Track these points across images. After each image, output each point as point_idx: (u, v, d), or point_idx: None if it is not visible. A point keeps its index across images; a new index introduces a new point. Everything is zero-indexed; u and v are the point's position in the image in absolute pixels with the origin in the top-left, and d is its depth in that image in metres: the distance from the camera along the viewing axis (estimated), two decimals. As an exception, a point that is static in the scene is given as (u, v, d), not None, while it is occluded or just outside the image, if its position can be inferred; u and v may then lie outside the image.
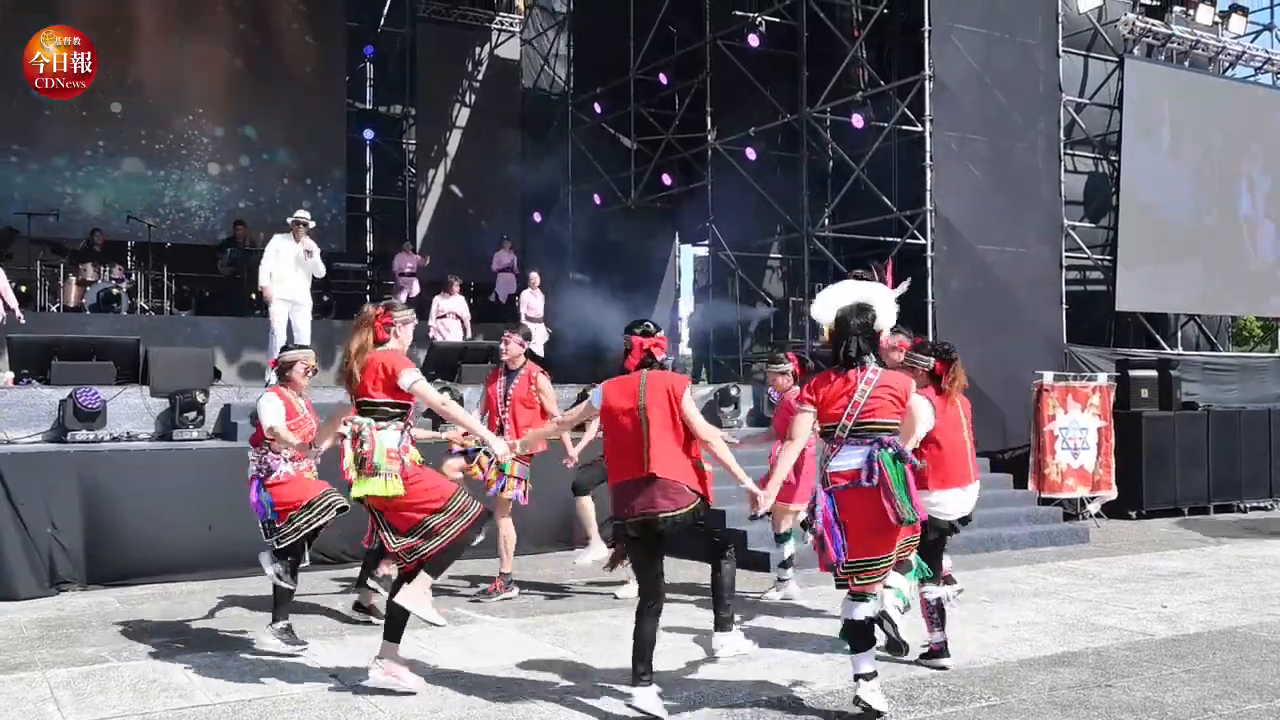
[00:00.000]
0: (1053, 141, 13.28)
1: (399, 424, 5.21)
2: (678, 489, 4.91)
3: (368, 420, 5.15)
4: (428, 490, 5.20)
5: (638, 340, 5.21)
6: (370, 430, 5.10)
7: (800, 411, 4.99)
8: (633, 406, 5.01)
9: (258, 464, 6.11)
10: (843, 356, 4.91)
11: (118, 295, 13.55)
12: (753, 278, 16.26)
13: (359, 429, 5.11)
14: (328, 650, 5.95)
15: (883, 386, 4.85)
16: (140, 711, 4.96)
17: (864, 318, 4.95)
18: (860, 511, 4.77)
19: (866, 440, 4.78)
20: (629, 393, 5.07)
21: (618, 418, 5.06)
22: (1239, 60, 16.86)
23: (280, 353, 6.54)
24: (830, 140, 14.86)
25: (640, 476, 4.92)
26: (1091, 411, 11.52)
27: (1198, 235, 15.30)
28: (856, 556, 4.79)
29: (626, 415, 5.03)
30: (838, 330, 4.97)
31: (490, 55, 19.25)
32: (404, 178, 19.44)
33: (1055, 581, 8.28)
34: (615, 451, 5.11)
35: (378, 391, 5.20)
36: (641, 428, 4.96)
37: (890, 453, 4.75)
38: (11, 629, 6.51)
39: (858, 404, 4.81)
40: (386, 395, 5.19)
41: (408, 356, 5.41)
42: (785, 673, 5.59)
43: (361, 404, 5.23)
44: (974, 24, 12.70)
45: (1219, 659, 5.91)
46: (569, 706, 5.03)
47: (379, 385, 5.20)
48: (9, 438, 8.79)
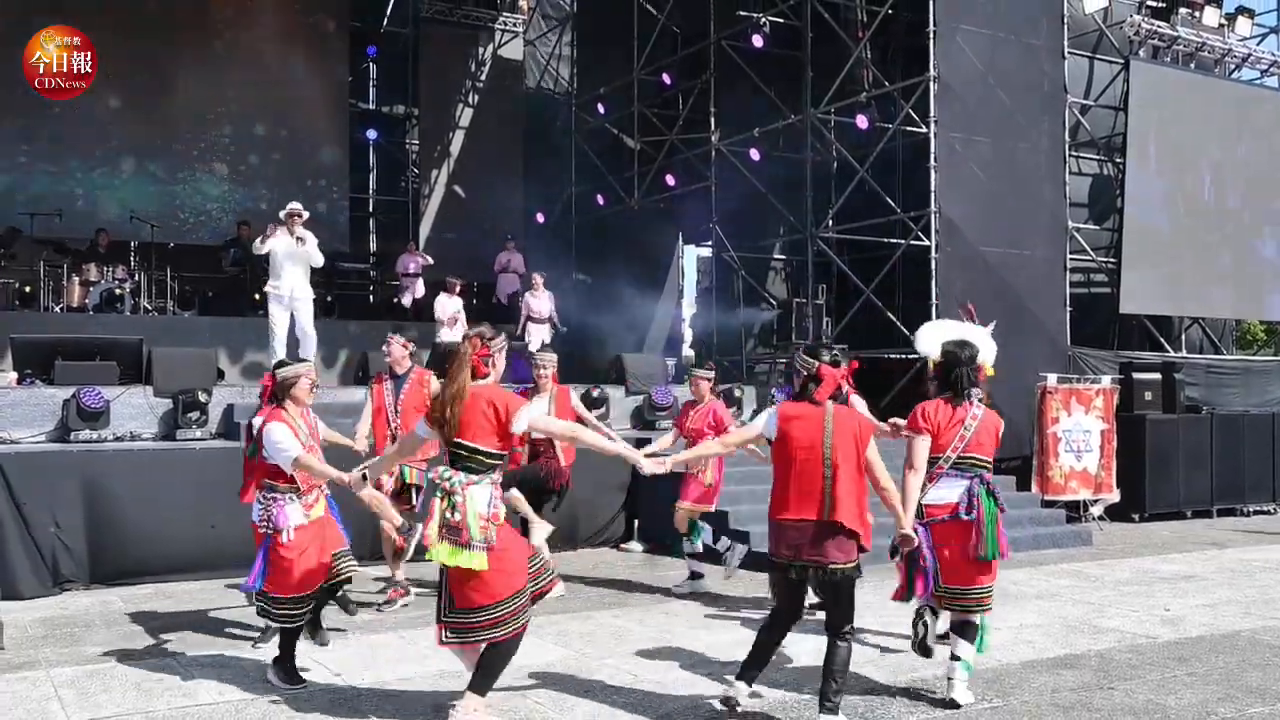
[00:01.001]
0: (1057, 143, 13.27)
1: (491, 478, 4.57)
2: (850, 541, 4.67)
3: (460, 476, 4.49)
4: (509, 573, 4.54)
5: (829, 370, 4.75)
6: (462, 490, 4.45)
7: (916, 439, 5.12)
8: (816, 444, 4.66)
9: (265, 519, 5.33)
10: (955, 388, 5.16)
11: (121, 295, 13.57)
12: (756, 279, 16.26)
13: (451, 489, 4.47)
14: (331, 650, 5.94)
15: (984, 423, 5.16)
16: (143, 710, 4.96)
17: (969, 351, 5.23)
18: (957, 543, 5.06)
19: (967, 474, 5.09)
20: (813, 428, 4.69)
21: (795, 451, 4.70)
22: (1245, 62, 16.85)
23: (277, 369, 5.58)
24: (834, 141, 14.85)
25: (815, 520, 4.63)
26: (1095, 414, 11.51)
27: (1202, 238, 15.28)
28: (961, 584, 5.08)
29: (807, 451, 4.67)
30: (947, 363, 5.22)
31: (493, 56, 19.24)
32: (407, 178, 19.45)
33: (1058, 584, 8.28)
34: (786, 487, 4.73)
35: (482, 438, 4.51)
36: (824, 469, 4.64)
37: (987, 489, 5.08)
38: (15, 628, 6.52)
39: (964, 437, 5.10)
40: (490, 442, 4.53)
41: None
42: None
43: (455, 450, 4.54)
44: (979, 25, 12.70)
45: (1221, 662, 5.90)
46: (571, 706, 5.02)
47: (484, 430, 4.50)
48: (12, 437, 8.81)
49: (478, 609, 4.48)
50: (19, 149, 15.47)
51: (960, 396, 5.16)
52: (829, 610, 4.75)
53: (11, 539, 7.62)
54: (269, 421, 5.33)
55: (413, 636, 6.40)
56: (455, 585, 4.52)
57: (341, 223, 17.82)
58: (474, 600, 4.48)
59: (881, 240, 14.06)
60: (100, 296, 13.46)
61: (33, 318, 12.85)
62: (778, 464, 4.79)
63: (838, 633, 4.69)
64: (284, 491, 5.34)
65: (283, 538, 5.25)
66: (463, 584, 4.49)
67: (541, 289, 14.53)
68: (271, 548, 5.28)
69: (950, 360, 5.20)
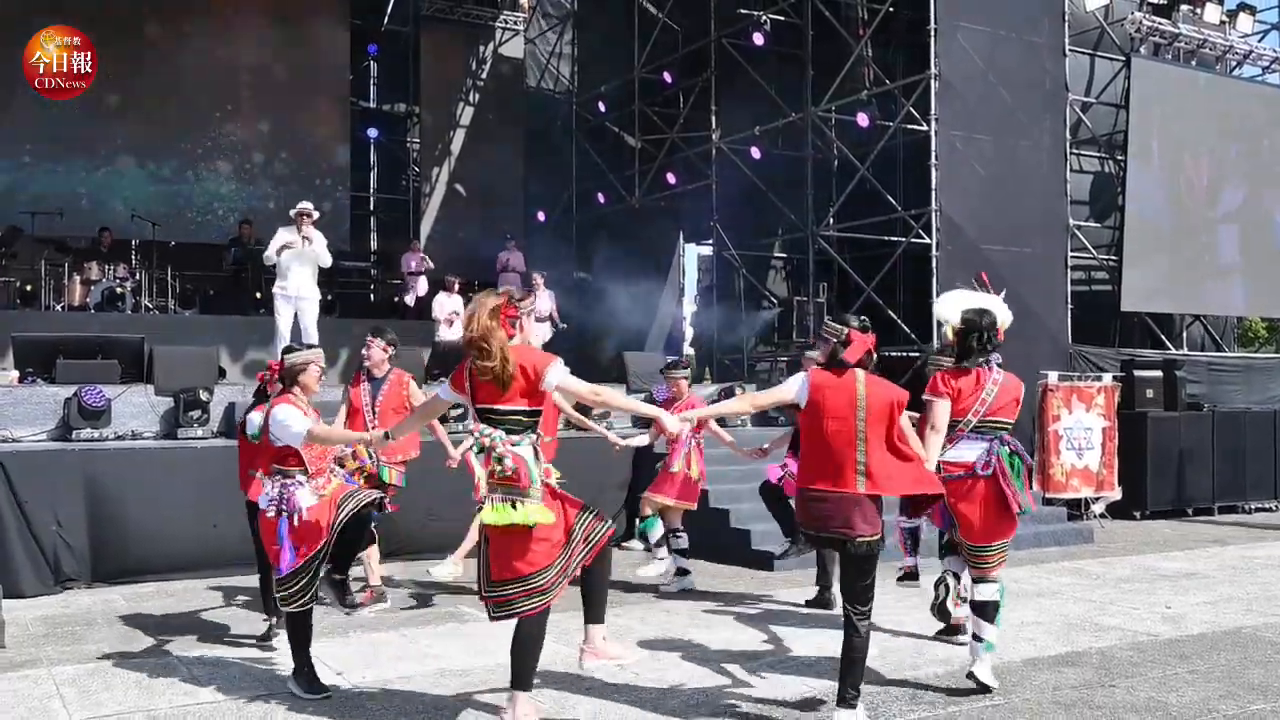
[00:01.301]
0: (1058, 141, 13.25)
1: (531, 436, 4.43)
2: (877, 512, 4.58)
3: (500, 434, 4.35)
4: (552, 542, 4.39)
5: (858, 335, 4.67)
6: (504, 445, 4.33)
7: (937, 401, 5.22)
8: (848, 414, 4.56)
9: (278, 500, 5.13)
10: (975, 354, 5.26)
11: (122, 294, 13.58)
12: (757, 277, 16.24)
13: (492, 444, 4.34)
14: (332, 648, 5.94)
15: (1005, 388, 5.29)
16: (145, 708, 4.97)
17: (989, 318, 5.30)
18: (974, 500, 5.19)
19: (988, 436, 5.23)
20: (846, 397, 4.59)
21: (826, 421, 4.58)
22: (1246, 59, 16.83)
23: (285, 355, 5.46)
24: (835, 139, 14.85)
25: (845, 491, 4.53)
26: (1096, 412, 11.50)
27: (1204, 235, 15.27)
28: (977, 542, 5.22)
29: (839, 422, 4.56)
30: (966, 329, 5.29)
31: (494, 54, 19.23)
32: (408, 176, 19.45)
33: (1059, 581, 8.28)
34: (815, 456, 4.63)
35: (511, 398, 4.40)
36: (857, 440, 4.54)
37: (1008, 449, 5.22)
38: (17, 626, 6.52)
39: (985, 401, 5.24)
40: (521, 401, 4.41)
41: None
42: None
43: (487, 412, 4.41)
44: (980, 22, 12.68)
45: (1223, 659, 5.90)
46: (574, 704, 5.02)
47: (514, 389, 4.39)
48: (14, 436, 8.81)
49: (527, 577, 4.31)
50: (20, 148, 15.45)
51: (977, 362, 5.30)
52: (849, 587, 4.60)
53: (13, 537, 7.63)
54: (277, 404, 5.19)
55: (414, 635, 6.41)
56: (497, 552, 4.34)
57: (343, 221, 17.82)
58: (517, 570, 4.31)
59: (882, 238, 14.04)
60: (101, 295, 13.48)
61: (34, 316, 12.85)
62: (807, 433, 4.69)
63: (858, 613, 4.55)
64: (293, 473, 5.14)
65: (299, 519, 5.06)
66: (507, 549, 4.32)
67: (542, 288, 14.52)
68: (290, 530, 5.07)
69: (970, 326, 5.29)
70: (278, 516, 5.08)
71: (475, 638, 6.35)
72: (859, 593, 4.56)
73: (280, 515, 5.08)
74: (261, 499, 5.21)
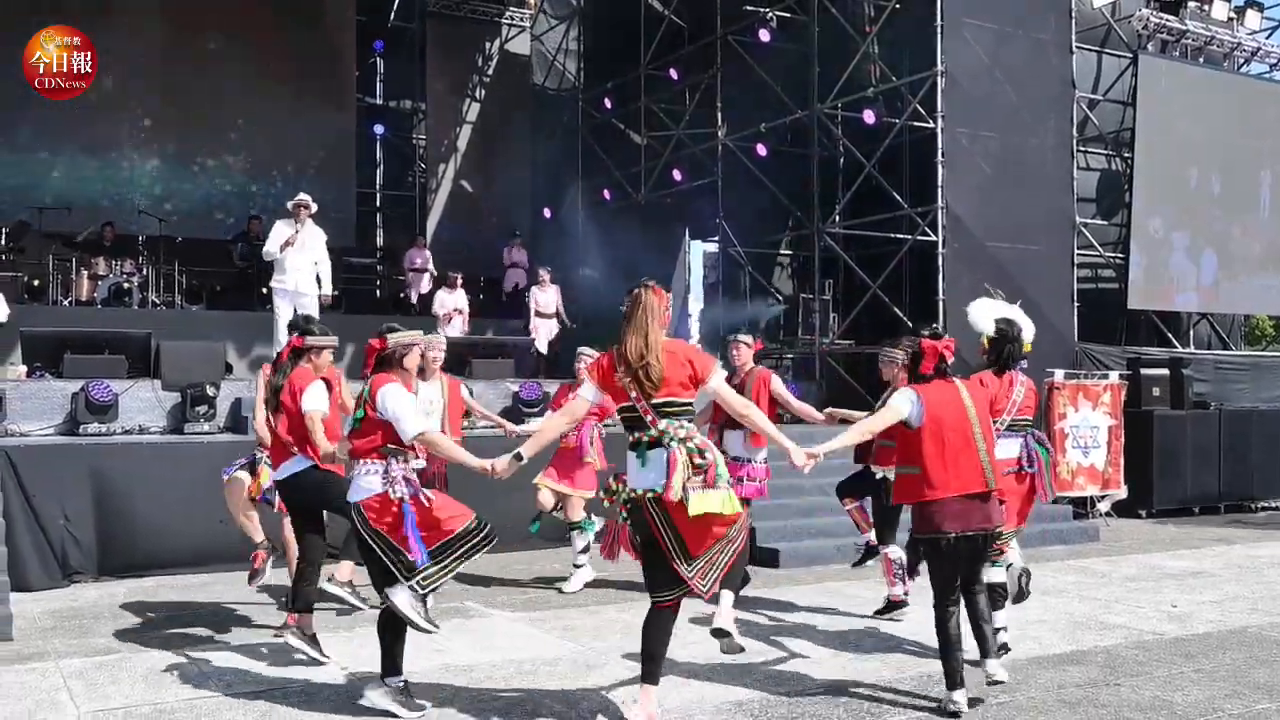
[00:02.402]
0: (1065, 138, 13.23)
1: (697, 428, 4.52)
2: (1000, 503, 5.12)
3: (689, 424, 4.44)
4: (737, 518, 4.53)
5: (930, 345, 5.05)
6: (700, 438, 4.42)
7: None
8: (965, 422, 4.96)
9: (404, 483, 4.73)
10: (1006, 360, 5.71)
11: (129, 289, 13.62)
12: (762, 274, 16.23)
13: (689, 434, 4.39)
14: (337, 642, 5.96)
15: (1029, 388, 5.88)
16: (151, 701, 4.99)
17: (1017, 329, 5.76)
18: (1018, 495, 5.73)
19: (1019, 434, 5.76)
20: (954, 403, 4.99)
21: (947, 433, 4.93)
22: (1254, 56, 16.79)
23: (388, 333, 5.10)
24: (841, 136, 14.83)
25: (981, 492, 4.92)
26: (1102, 410, 11.49)
27: (1213, 233, 15.24)
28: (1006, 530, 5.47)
29: (956, 432, 4.93)
30: (1000, 337, 5.73)
31: (500, 50, 19.24)
32: (414, 173, 19.47)
33: (1064, 580, 8.27)
34: (942, 463, 4.90)
35: (682, 391, 4.44)
36: (976, 441, 4.95)
37: (1039, 443, 5.87)
38: (24, 619, 6.55)
39: (1015, 402, 5.74)
40: (689, 394, 4.47)
41: None
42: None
43: (664, 405, 4.41)
44: (986, 19, 12.66)
45: (1229, 659, 5.90)
46: (579, 699, 5.04)
47: (686, 381, 4.44)
48: (22, 430, 8.85)
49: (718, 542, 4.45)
50: (28, 144, 15.50)
51: (1008, 368, 5.75)
52: (970, 570, 5.09)
53: (21, 531, 7.64)
54: (385, 383, 4.85)
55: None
56: (694, 535, 4.40)
57: (349, 217, 17.84)
58: (716, 535, 4.43)
59: (888, 236, 14.03)
60: (109, 290, 13.52)
61: (42, 311, 12.89)
62: (928, 445, 4.93)
63: (978, 589, 5.13)
64: (407, 455, 4.82)
65: (428, 501, 4.75)
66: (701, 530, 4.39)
67: (549, 284, 14.54)
68: (420, 513, 4.72)
69: (1002, 335, 5.72)
70: (398, 501, 4.69)
71: (479, 634, 6.38)
72: (978, 573, 5.16)
73: (401, 503, 4.69)
74: (375, 482, 4.75)
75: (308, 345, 5.68)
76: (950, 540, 4.89)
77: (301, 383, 5.58)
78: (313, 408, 5.50)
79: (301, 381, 5.59)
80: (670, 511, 4.36)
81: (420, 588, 4.70)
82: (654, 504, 4.39)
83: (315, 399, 5.53)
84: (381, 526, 4.71)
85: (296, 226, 10.43)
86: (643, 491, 4.40)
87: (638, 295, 4.53)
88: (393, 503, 4.68)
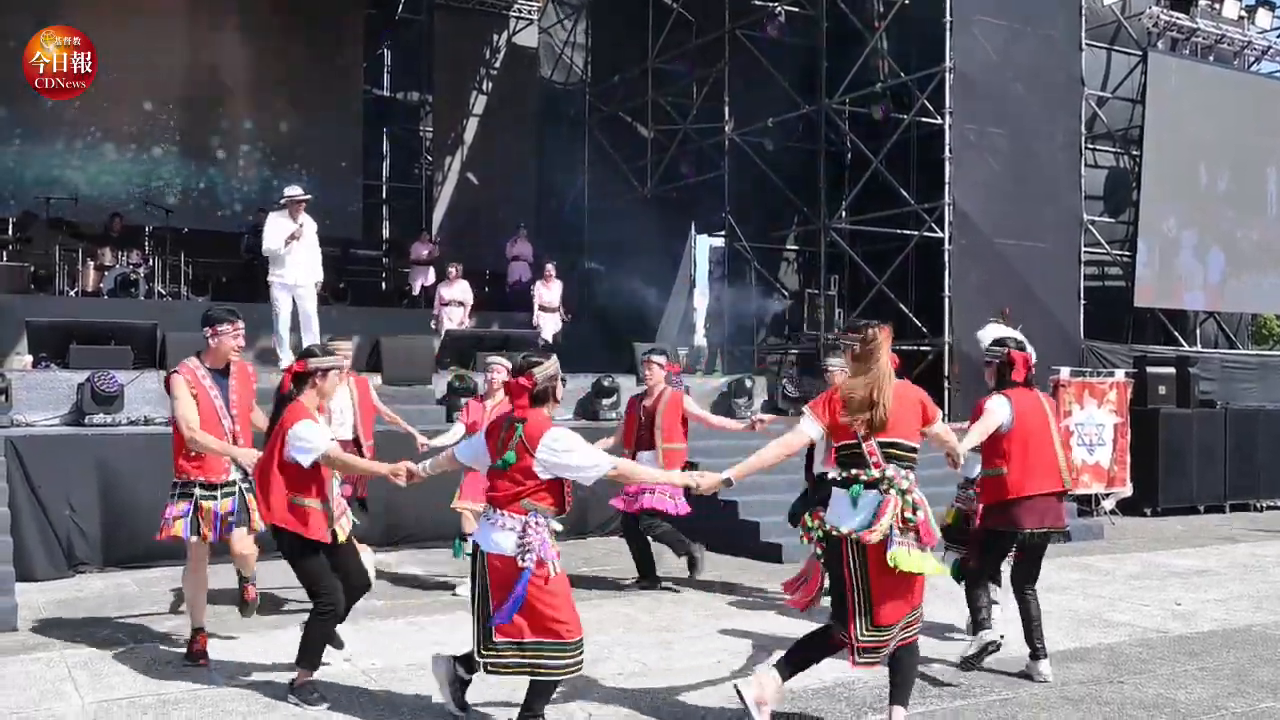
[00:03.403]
0: (1073, 135, 13.19)
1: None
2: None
3: (909, 474, 4.32)
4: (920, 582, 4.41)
5: (1021, 356, 5.52)
6: (914, 487, 4.30)
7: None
8: (1046, 427, 5.44)
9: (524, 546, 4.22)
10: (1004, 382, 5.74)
11: (135, 280, 13.63)
12: (768, 269, 16.22)
13: (907, 488, 4.28)
14: (342, 634, 5.96)
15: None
16: (155, 692, 5.00)
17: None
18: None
19: None
20: (1039, 414, 5.48)
21: (1031, 434, 5.38)
22: (1265, 55, 16.73)
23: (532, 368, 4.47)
24: (849, 132, 14.80)
25: (1057, 491, 5.45)
26: (1108, 408, 11.46)
27: (1221, 231, 15.19)
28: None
29: (1039, 434, 5.41)
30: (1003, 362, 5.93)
31: (508, 43, 19.21)
32: (420, 165, 19.45)
33: (1068, 577, 8.26)
34: (1027, 465, 5.35)
35: (910, 434, 4.38)
36: (1055, 445, 5.46)
37: None
38: (29, 610, 6.57)
39: None
40: (915, 438, 4.41)
41: None
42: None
43: (890, 446, 4.32)
44: (995, 16, 12.62)
45: (1232, 657, 5.89)
46: (582, 691, 5.04)
47: (912, 426, 4.39)
48: (28, 421, 8.86)
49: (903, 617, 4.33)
50: (34, 134, 15.52)
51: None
52: (1027, 569, 5.49)
53: (26, 522, 7.66)
54: (547, 423, 4.36)
55: (423, 623, 6.44)
56: (881, 590, 4.25)
57: (355, 210, 17.84)
58: (901, 611, 4.31)
59: (895, 231, 14.00)
60: (115, 281, 13.53)
61: (48, 301, 12.91)
62: (1019, 444, 5.34)
63: (1032, 590, 5.46)
64: (546, 514, 4.32)
65: (549, 576, 4.26)
66: (887, 596, 4.26)
67: (553, 279, 14.55)
68: (534, 584, 4.21)
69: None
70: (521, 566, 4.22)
71: (484, 626, 6.37)
72: (1035, 574, 5.51)
73: (524, 570, 4.21)
74: (506, 539, 4.26)
75: (311, 369, 4.98)
76: (1027, 535, 5.34)
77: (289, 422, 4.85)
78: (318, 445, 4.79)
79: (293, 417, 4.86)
80: (869, 559, 4.26)
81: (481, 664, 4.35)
82: (854, 546, 4.28)
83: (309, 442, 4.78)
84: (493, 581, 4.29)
85: (298, 221, 10.32)
86: (846, 531, 4.28)
87: (873, 334, 4.42)
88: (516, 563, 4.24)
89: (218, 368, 5.56)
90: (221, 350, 5.55)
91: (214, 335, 5.53)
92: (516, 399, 4.39)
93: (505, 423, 4.39)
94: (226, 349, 5.55)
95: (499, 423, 4.45)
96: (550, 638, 4.23)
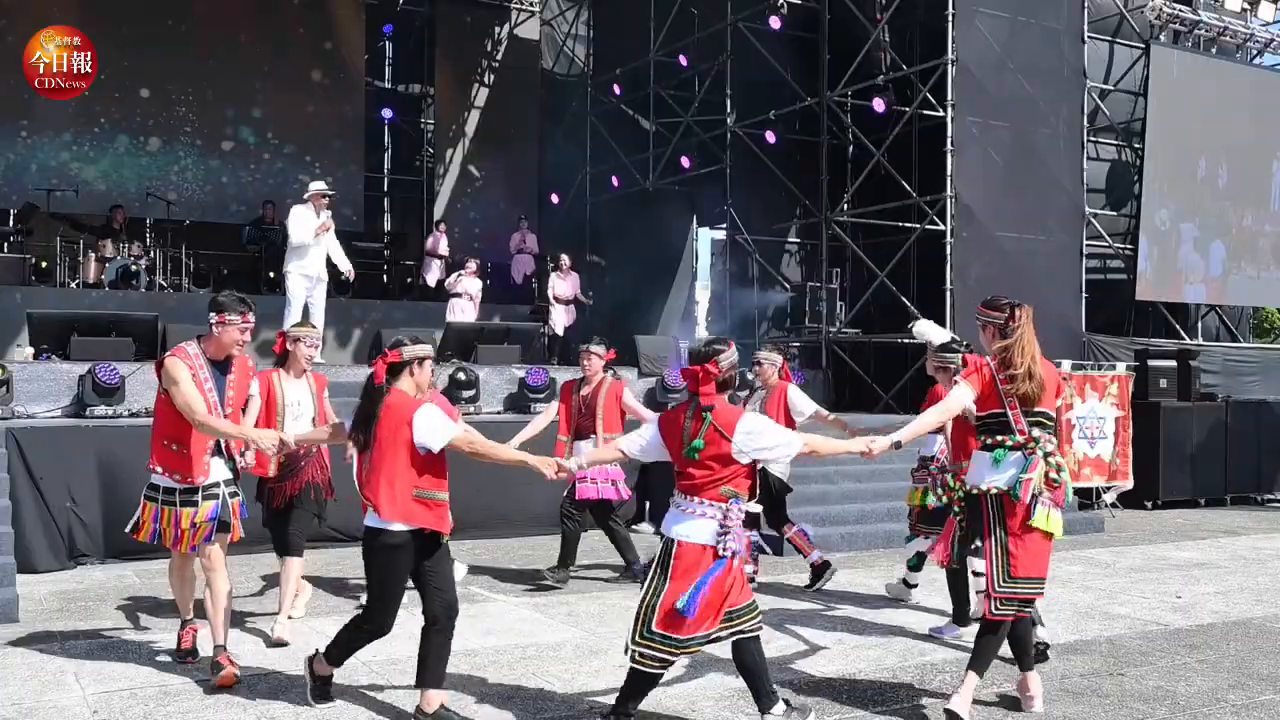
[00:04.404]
0: (1076, 128, 13.16)
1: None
2: None
3: (1051, 439, 4.67)
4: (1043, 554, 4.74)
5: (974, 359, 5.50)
6: (1058, 452, 4.68)
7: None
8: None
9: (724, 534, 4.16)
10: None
11: (136, 272, 13.64)
12: (770, 262, 16.21)
13: (1053, 450, 4.64)
14: (340, 624, 5.96)
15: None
16: (156, 683, 5.01)
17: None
18: None
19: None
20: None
21: None
22: (1267, 48, 16.68)
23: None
24: (850, 124, 14.78)
25: None
26: (1109, 401, 11.45)
27: (1223, 225, 15.17)
28: None
29: None
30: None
31: (510, 35, 19.17)
32: (422, 157, 19.44)
33: (1069, 570, 8.26)
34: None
35: (1051, 405, 4.73)
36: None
37: None
38: (30, 601, 6.58)
39: None
40: (1053, 409, 4.76)
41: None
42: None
43: (1038, 415, 4.67)
44: (998, 8, 12.59)
45: (1232, 649, 5.89)
46: (583, 684, 5.05)
47: (1052, 397, 4.73)
48: (29, 412, 8.87)
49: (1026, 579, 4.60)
50: (36, 126, 15.51)
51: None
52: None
53: (28, 513, 7.67)
54: (741, 410, 4.39)
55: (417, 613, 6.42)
56: (1017, 550, 4.57)
57: (357, 202, 17.84)
58: (1028, 570, 4.59)
59: (897, 224, 13.99)
60: (116, 273, 13.54)
61: (49, 293, 12.92)
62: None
63: None
64: (743, 499, 4.25)
65: (738, 564, 4.23)
66: (1023, 550, 4.57)
67: (568, 271, 14.58)
68: (724, 573, 4.18)
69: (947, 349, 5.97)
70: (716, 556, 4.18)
71: (483, 619, 6.39)
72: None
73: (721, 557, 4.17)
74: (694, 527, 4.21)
75: (405, 359, 4.50)
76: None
77: (407, 410, 4.38)
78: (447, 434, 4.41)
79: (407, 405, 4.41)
80: (1007, 515, 4.58)
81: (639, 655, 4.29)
82: (993, 503, 4.62)
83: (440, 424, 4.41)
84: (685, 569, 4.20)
85: (322, 215, 10.59)
86: (986, 487, 4.61)
87: (1024, 313, 4.71)
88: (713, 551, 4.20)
89: (217, 359, 5.15)
90: (224, 341, 5.12)
91: (220, 324, 5.09)
92: (703, 386, 4.33)
93: (690, 411, 4.34)
94: (230, 341, 5.13)
95: (679, 413, 4.40)
96: (741, 603, 4.29)
